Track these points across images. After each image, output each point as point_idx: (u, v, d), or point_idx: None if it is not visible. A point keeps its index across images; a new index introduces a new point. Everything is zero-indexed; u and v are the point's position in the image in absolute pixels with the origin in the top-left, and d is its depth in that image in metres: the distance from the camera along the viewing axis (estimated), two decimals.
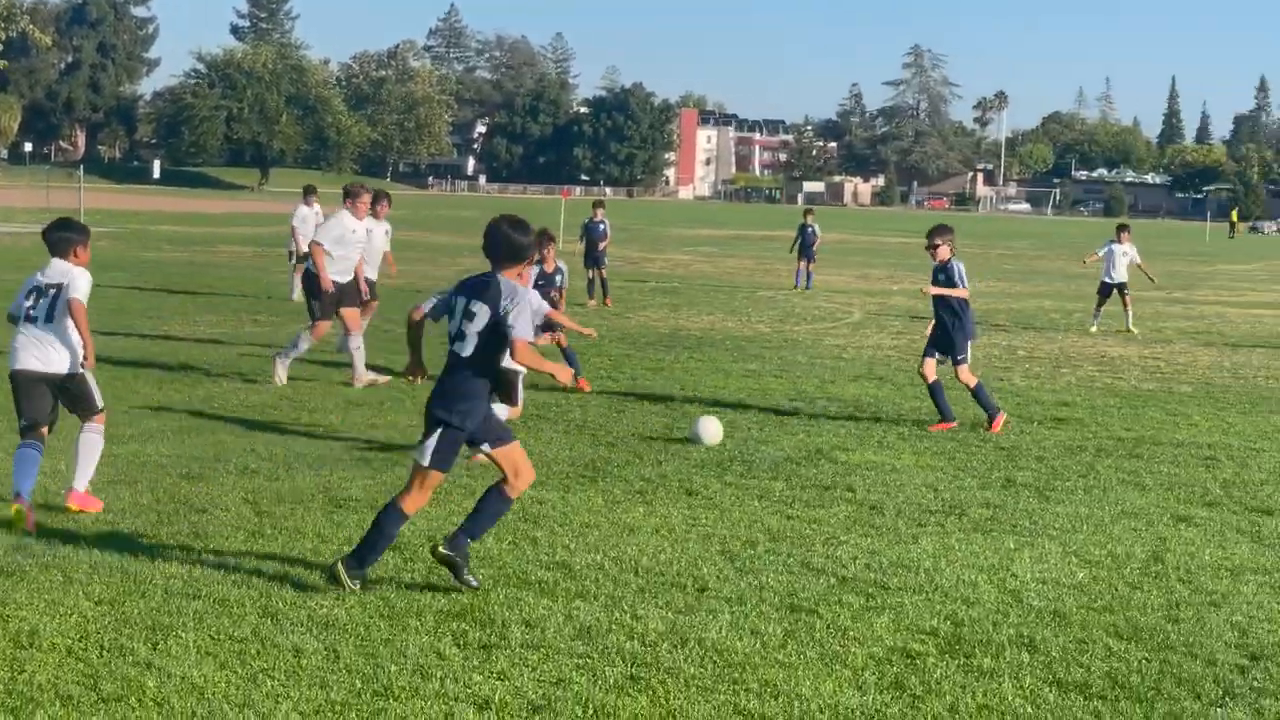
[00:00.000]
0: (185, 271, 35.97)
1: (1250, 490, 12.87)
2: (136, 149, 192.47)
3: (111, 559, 9.32)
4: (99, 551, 9.46)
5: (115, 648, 7.69)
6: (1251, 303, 38.77)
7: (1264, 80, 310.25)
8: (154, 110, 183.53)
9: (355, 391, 17.04)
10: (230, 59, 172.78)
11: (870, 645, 8.13)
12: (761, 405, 17.00)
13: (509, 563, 9.58)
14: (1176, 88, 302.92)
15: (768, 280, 42.03)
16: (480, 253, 9.31)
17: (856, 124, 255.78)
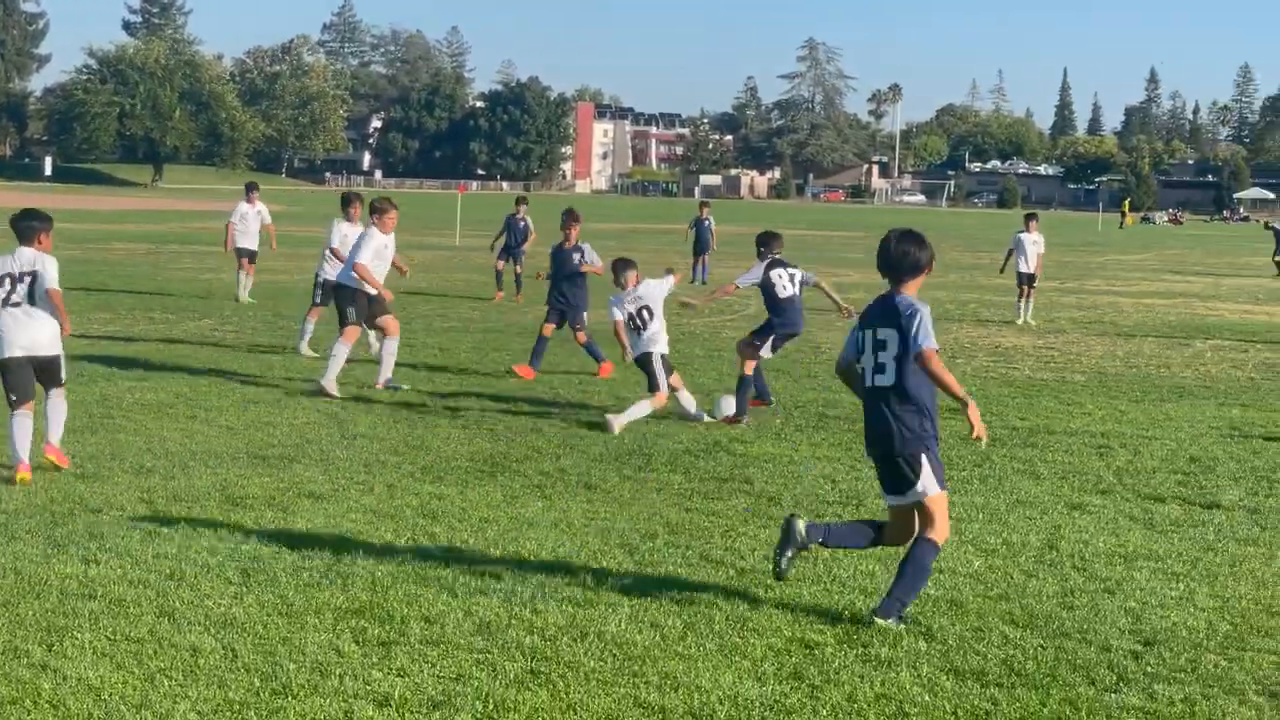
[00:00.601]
0: (78, 269, 35.43)
1: (1142, 478, 13.06)
2: (28, 146, 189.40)
3: (5, 560, 9.20)
4: None
5: (10, 650, 7.59)
6: (1143, 292, 39.33)
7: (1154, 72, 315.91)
8: (45, 107, 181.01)
9: (251, 390, 16.88)
10: (122, 55, 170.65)
11: (769, 636, 8.18)
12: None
13: (408, 559, 9.53)
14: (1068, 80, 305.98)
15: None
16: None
17: (752, 117, 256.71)
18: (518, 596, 8.78)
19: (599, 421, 14.92)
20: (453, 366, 19.37)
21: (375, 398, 16.46)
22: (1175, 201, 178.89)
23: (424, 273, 38.82)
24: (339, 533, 10.19)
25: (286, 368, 18.71)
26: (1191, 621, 8.63)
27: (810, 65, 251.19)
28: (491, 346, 21.79)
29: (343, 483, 11.91)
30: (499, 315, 27.17)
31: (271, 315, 25.73)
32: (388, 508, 11.06)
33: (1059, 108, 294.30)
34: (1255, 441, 15.08)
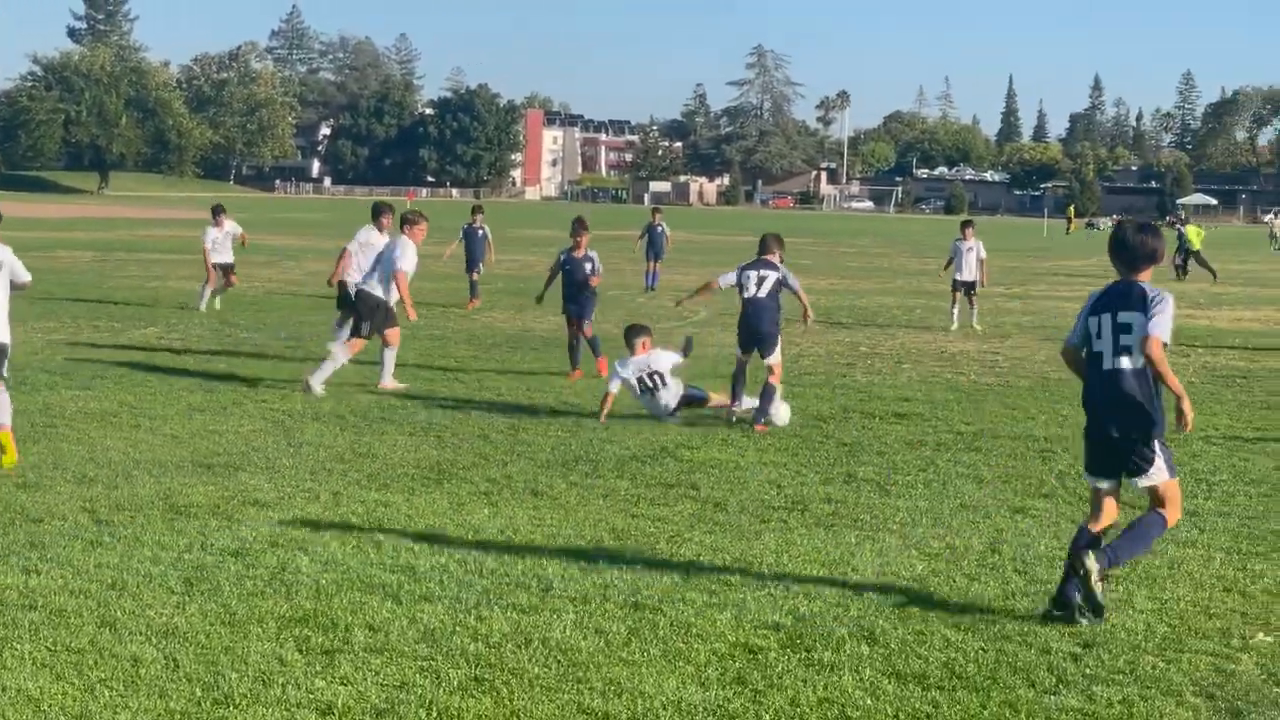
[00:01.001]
0: None
1: (1084, 482, 13.12)
2: None
3: None
4: None
5: None
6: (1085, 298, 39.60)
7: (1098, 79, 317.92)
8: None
9: (196, 398, 16.80)
10: (68, 62, 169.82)
11: (713, 641, 8.21)
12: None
13: (353, 567, 9.53)
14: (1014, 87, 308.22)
15: (615, 280, 42.11)
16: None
17: (701, 124, 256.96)
18: (463, 603, 8.79)
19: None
20: (400, 373, 19.31)
21: (320, 406, 16.42)
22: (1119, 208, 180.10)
23: None
24: (284, 541, 10.16)
25: (232, 375, 18.62)
26: (1130, 624, 8.71)
27: (759, 72, 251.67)
28: (438, 354, 21.76)
29: (288, 490, 11.89)
30: (446, 322, 27.14)
31: (219, 324, 25.63)
32: (333, 515, 11.05)
33: (1005, 115, 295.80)
34: (1195, 445, 15.20)
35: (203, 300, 28.47)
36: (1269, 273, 57.02)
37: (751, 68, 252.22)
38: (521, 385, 18.54)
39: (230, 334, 23.77)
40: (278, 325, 25.58)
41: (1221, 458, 14.50)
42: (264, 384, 17.95)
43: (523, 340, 24.24)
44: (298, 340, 22.99)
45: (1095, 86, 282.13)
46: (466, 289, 32.20)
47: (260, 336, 23.55)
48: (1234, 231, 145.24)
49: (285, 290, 34.24)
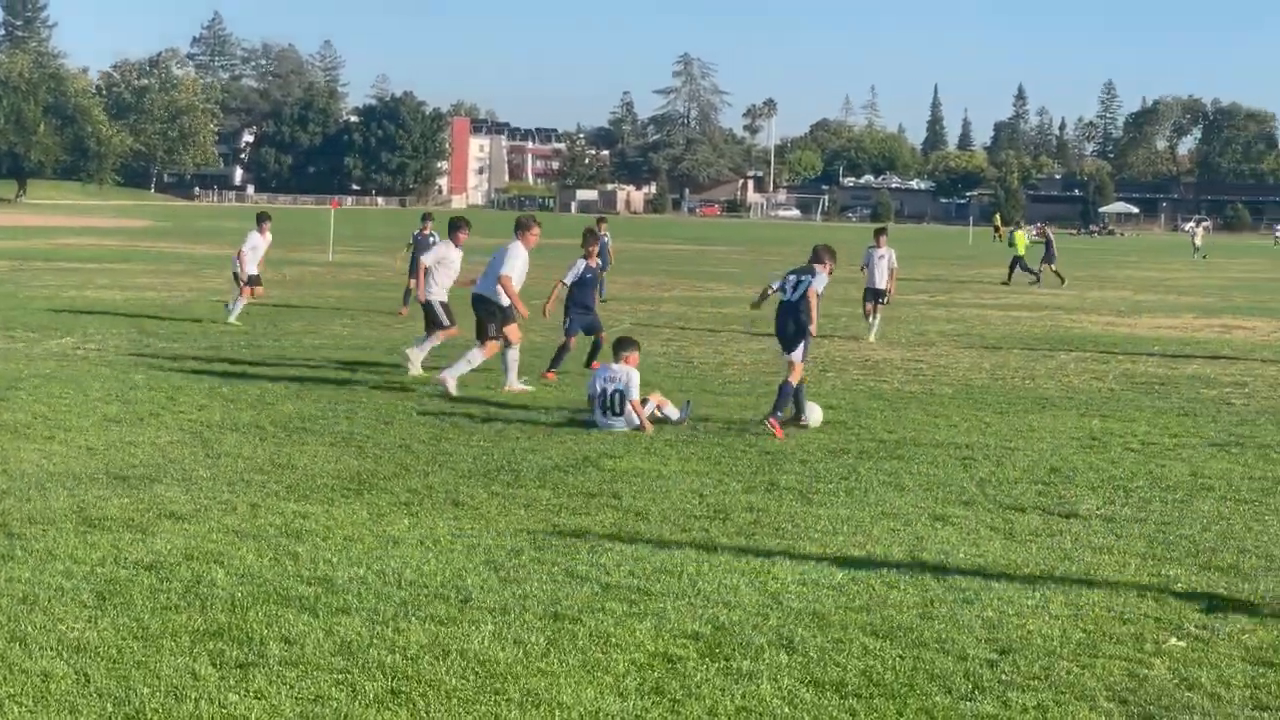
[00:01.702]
0: None
1: (1004, 488, 13.24)
2: None
3: None
4: None
5: None
6: (1010, 305, 39.91)
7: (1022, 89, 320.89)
8: None
9: (113, 409, 16.61)
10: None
11: (632, 651, 8.19)
12: (529, 414, 17.01)
13: (269, 579, 9.44)
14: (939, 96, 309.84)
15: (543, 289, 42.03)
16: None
17: (628, 132, 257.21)
18: (380, 615, 8.73)
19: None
20: (323, 382, 19.20)
21: (239, 417, 16.28)
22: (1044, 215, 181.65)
23: (296, 288, 38.52)
24: (199, 553, 10.06)
25: (150, 386, 18.43)
26: (1046, 629, 8.77)
27: (685, 80, 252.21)
28: (361, 362, 21.63)
29: (205, 502, 11.77)
30: (370, 331, 27.00)
31: (136, 333, 25.37)
32: (250, 527, 10.95)
33: (930, 123, 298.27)
34: (1114, 451, 15.35)
35: (234, 311, 28.03)
36: (1187, 281, 57.70)
37: (678, 75, 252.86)
38: (444, 395, 18.43)
39: (149, 344, 23.53)
40: (197, 335, 25.36)
41: (1139, 464, 14.63)
42: (182, 395, 17.79)
43: (447, 350, 24.13)
44: (217, 350, 22.80)
45: (1019, 95, 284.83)
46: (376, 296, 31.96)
47: (180, 346, 23.34)
48: (1155, 239, 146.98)
49: (206, 300, 33.96)
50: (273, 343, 24.36)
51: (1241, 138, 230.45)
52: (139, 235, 74.61)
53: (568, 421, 16.51)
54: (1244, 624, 9.02)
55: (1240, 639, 8.71)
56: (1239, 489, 13.39)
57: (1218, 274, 64.55)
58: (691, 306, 35.95)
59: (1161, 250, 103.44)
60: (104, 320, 27.64)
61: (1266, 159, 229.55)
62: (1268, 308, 41.08)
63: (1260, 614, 9.27)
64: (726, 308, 36.08)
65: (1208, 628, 8.92)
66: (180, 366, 20.53)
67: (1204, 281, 56.90)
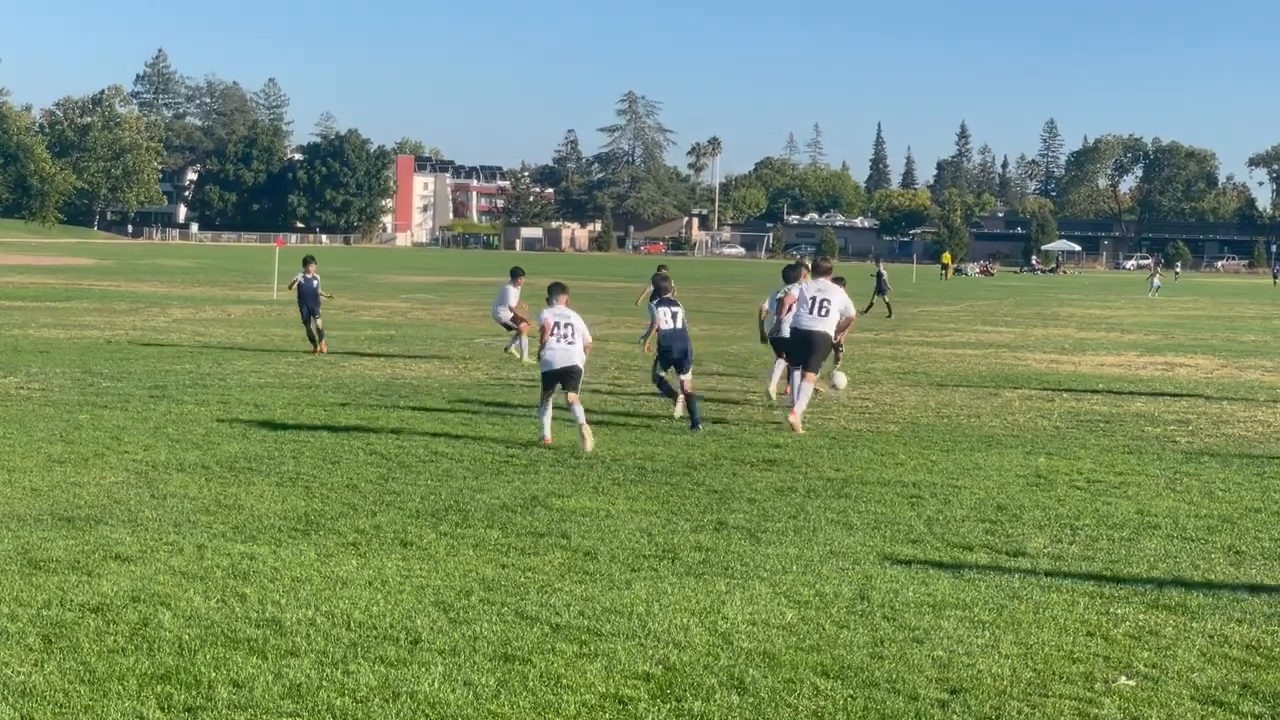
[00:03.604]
0: None
1: (952, 526, 13.28)
2: None
3: None
4: None
5: None
6: (955, 343, 40.10)
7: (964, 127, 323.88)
8: None
9: (57, 449, 16.47)
10: None
11: (583, 693, 8.16)
12: (477, 453, 16.97)
13: (216, 621, 9.37)
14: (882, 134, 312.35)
15: (485, 327, 42.01)
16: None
17: (573, 170, 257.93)
18: (329, 657, 8.68)
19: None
20: (269, 422, 19.10)
21: (185, 457, 16.17)
22: (987, 253, 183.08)
23: (240, 327, 38.33)
24: (146, 595, 9.98)
25: (95, 426, 18.30)
26: (996, 669, 8.79)
27: (630, 118, 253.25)
28: (306, 402, 21.54)
29: (151, 544, 11.68)
30: (315, 370, 26.89)
31: (80, 372, 25.19)
32: (197, 569, 10.87)
33: (874, 161, 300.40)
34: (1060, 489, 15.43)
35: (524, 349, 30.06)
36: (1129, 318, 58.16)
37: (623, 113, 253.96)
38: (390, 434, 18.38)
39: (93, 384, 23.35)
40: (142, 374, 25.20)
41: (1085, 502, 14.71)
42: (127, 435, 17.66)
43: (392, 388, 24.07)
44: (162, 390, 22.66)
45: (962, 134, 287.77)
46: (328, 334, 32.12)
47: (124, 386, 23.18)
48: (1098, 277, 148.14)
49: (149, 339, 33.75)
50: (218, 382, 24.22)
51: (1182, 176, 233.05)
52: (82, 274, 74.11)
53: (511, 459, 16.47)
54: (1193, 663, 9.07)
55: (1189, 678, 8.76)
56: (1185, 527, 13.48)
57: (1160, 311, 65.12)
58: (637, 344, 35.94)
59: (1105, 287, 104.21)
60: (47, 359, 27.42)
61: (1206, 197, 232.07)
62: (1209, 345, 41.46)
63: (1209, 653, 9.32)
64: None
65: (1157, 666, 8.97)
66: (125, 406, 20.38)
67: (1147, 319, 57.36)
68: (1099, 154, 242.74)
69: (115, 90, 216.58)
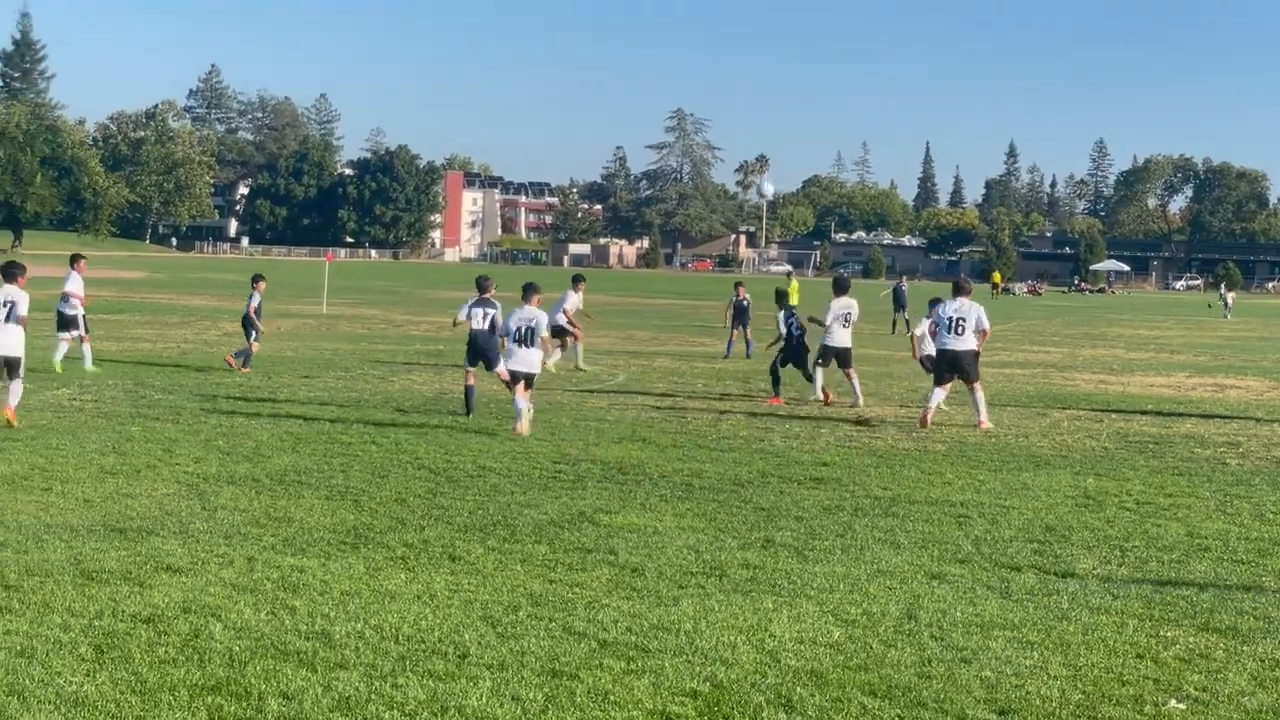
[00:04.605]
0: None
1: (1000, 547, 13.24)
2: None
3: None
4: None
5: None
6: (1003, 362, 39.93)
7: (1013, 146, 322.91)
8: None
9: (109, 461, 16.60)
10: None
11: (630, 709, 8.18)
12: (525, 468, 17.02)
13: (267, 634, 9.43)
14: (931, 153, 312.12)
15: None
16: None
17: (621, 187, 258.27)
18: (378, 670, 8.72)
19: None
20: (318, 435, 19.20)
21: (235, 470, 16.27)
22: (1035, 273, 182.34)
23: (291, 341, 38.54)
24: (197, 607, 10.05)
25: (147, 438, 18.44)
26: (1045, 690, 8.76)
27: (678, 136, 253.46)
28: (354, 416, 21.64)
29: (202, 555, 11.76)
30: (363, 384, 26.99)
31: (133, 385, 25.37)
32: (247, 581, 10.93)
33: (922, 180, 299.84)
34: (1109, 510, 15.36)
35: (579, 355, 32.34)
36: (1179, 339, 57.81)
37: (671, 131, 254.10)
38: (438, 448, 18.45)
39: (145, 396, 23.52)
40: (193, 387, 25.37)
41: (1134, 524, 14.64)
42: (179, 447, 17.79)
43: (440, 403, 24.16)
44: (213, 403, 22.81)
45: (1010, 153, 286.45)
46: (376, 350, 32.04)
47: (175, 399, 23.34)
48: (1147, 297, 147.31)
49: (200, 351, 33.96)
50: (268, 395, 24.36)
51: (1233, 197, 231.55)
52: (134, 286, 74.61)
53: (559, 474, 16.51)
54: (1244, 686, 9.02)
55: (1240, 701, 8.71)
56: (1235, 550, 13.39)
57: (1210, 333, 64.69)
58: (685, 361, 35.99)
59: (1153, 308, 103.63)
60: (99, 371, 27.61)
61: (1258, 218, 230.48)
62: (1260, 366, 41.15)
63: (1259, 677, 9.27)
64: (719, 363, 36.15)
65: (1207, 690, 8.92)
66: (176, 419, 20.53)
67: (1196, 340, 57.00)
68: (1149, 174, 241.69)
69: (169, 105, 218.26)
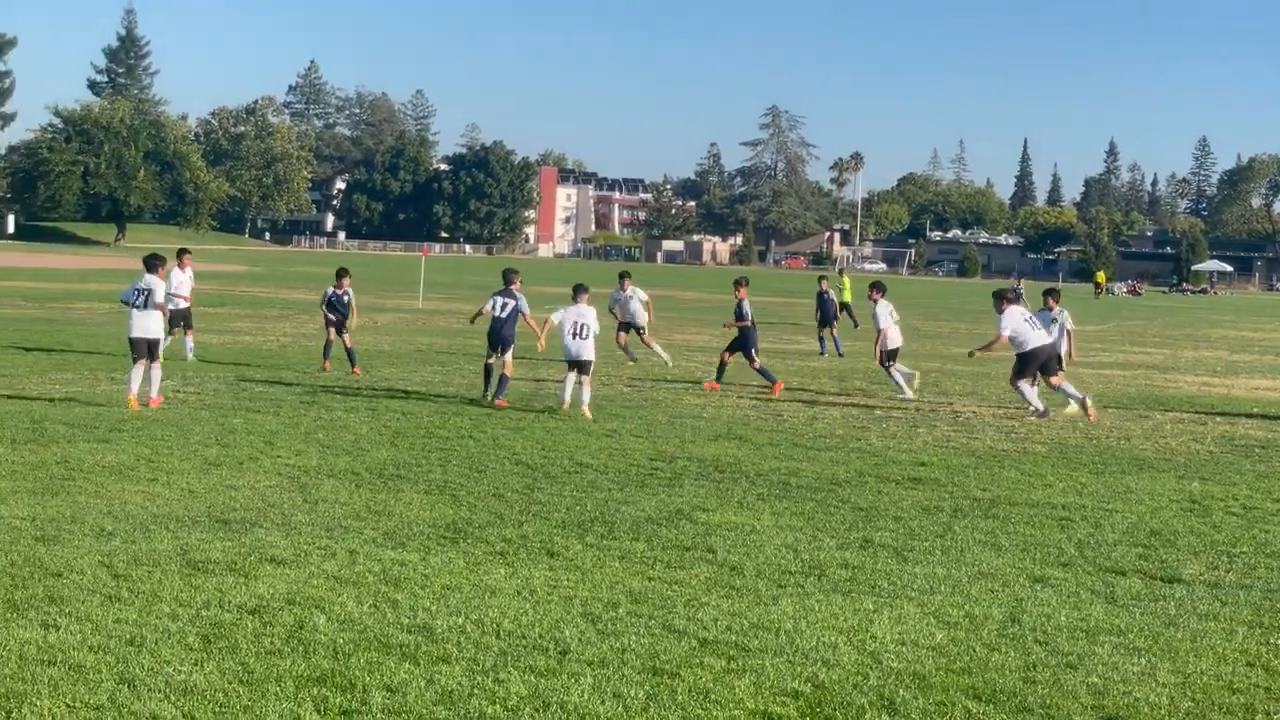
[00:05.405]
0: (40, 328, 35.34)
1: (1104, 550, 13.10)
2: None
3: None
4: None
5: None
6: (1103, 363, 39.54)
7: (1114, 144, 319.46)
8: (9, 165, 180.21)
9: (213, 453, 16.79)
10: (87, 114, 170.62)
11: (732, 709, 8.16)
12: (622, 465, 17.04)
13: (370, 626, 9.50)
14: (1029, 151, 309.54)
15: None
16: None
17: (715, 183, 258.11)
18: (480, 665, 8.76)
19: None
20: (416, 429, 19.32)
21: (336, 463, 16.40)
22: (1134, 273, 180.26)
23: (387, 335, 38.81)
24: (301, 599, 10.15)
25: (249, 430, 18.64)
26: (1154, 697, 8.66)
27: (773, 133, 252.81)
28: (452, 411, 21.75)
29: (305, 548, 11.87)
30: (460, 378, 27.12)
31: (235, 378, 25.65)
32: (349, 574, 11.02)
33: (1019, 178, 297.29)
34: (1215, 515, 15.16)
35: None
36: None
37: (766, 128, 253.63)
38: (535, 444, 18.51)
39: (246, 389, 23.77)
40: (293, 381, 25.60)
41: (1242, 529, 14.44)
42: (280, 440, 17.96)
43: (536, 398, 24.23)
44: (312, 396, 23.00)
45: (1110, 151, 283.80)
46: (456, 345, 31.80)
47: (276, 392, 23.57)
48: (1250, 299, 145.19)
49: (299, 344, 34.28)
50: (366, 389, 24.54)
51: None
52: (234, 280, 75.43)
53: (656, 471, 16.52)
54: None
55: None
56: None
57: None
58: (779, 359, 35.85)
59: (1256, 309, 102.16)
60: (201, 364, 27.95)
61: None
62: None
63: None
64: (814, 360, 36.02)
65: None
66: (277, 411, 20.73)
67: None
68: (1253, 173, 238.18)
69: (268, 100, 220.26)
